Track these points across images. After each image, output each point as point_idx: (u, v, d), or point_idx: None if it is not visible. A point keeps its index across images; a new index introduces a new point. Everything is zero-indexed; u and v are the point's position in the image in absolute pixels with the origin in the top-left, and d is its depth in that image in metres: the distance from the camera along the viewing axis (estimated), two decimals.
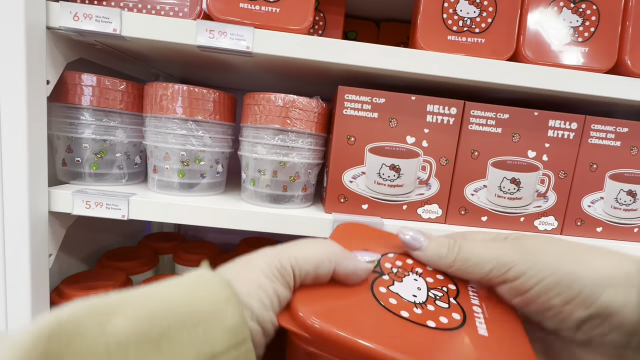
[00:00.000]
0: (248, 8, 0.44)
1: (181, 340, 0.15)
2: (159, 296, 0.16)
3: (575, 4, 0.46)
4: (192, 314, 0.15)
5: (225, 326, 0.16)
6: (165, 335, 0.14)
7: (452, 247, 0.22)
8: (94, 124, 0.49)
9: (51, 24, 0.42)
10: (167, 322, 0.15)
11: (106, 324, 0.14)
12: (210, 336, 0.15)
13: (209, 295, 0.16)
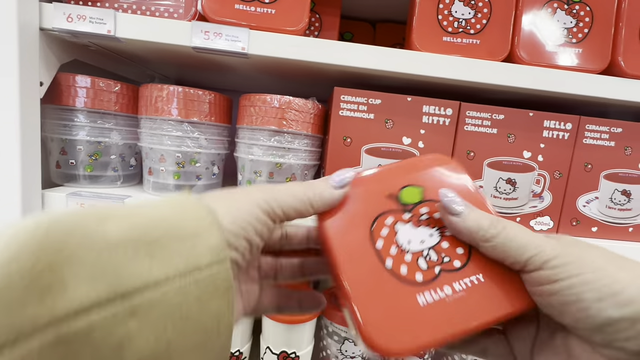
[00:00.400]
0: (243, 9, 0.44)
1: (171, 249, 0.16)
2: (148, 211, 0.17)
3: (569, 5, 0.46)
4: (180, 229, 0.16)
5: (209, 244, 0.17)
6: (157, 243, 0.15)
7: (495, 222, 0.21)
8: (88, 125, 0.48)
9: (44, 25, 0.42)
10: (158, 232, 0.16)
11: (102, 226, 0.15)
12: (196, 251, 0.16)
13: (195, 217, 0.17)
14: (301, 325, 0.55)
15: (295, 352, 0.55)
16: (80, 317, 0.12)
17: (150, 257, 0.15)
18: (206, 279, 0.16)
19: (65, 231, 0.14)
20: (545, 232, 0.51)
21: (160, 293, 0.14)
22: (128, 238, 0.15)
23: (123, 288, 0.14)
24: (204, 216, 0.18)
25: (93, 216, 0.15)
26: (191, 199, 0.19)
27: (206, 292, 0.16)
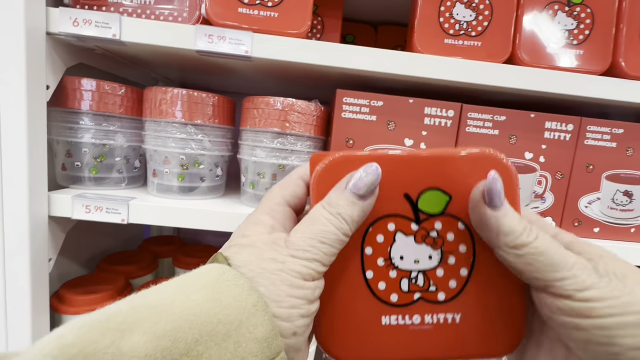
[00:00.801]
0: (247, 13, 0.44)
1: (210, 356, 0.13)
2: (177, 305, 0.14)
3: (570, 7, 0.47)
4: (218, 324, 0.14)
5: (256, 337, 0.14)
6: (192, 353, 0.13)
7: (529, 230, 0.18)
8: (93, 128, 0.49)
9: (51, 30, 0.42)
10: (192, 336, 0.13)
11: (121, 344, 0.12)
12: (242, 350, 0.14)
13: (235, 301, 0.14)
14: None
15: None
16: None
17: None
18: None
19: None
20: None
21: None
22: (155, 354, 0.12)
23: None
24: (245, 297, 0.15)
25: (112, 328, 0.12)
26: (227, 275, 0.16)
27: None
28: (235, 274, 0.16)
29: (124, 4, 0.45)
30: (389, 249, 0.20)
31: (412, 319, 0.20)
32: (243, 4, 0.44)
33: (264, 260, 0.17)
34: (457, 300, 0.20)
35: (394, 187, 0.20)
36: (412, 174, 0.20)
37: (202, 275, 0.16)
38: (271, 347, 0.14)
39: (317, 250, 0.17)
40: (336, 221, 0.18)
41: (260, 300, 0.15)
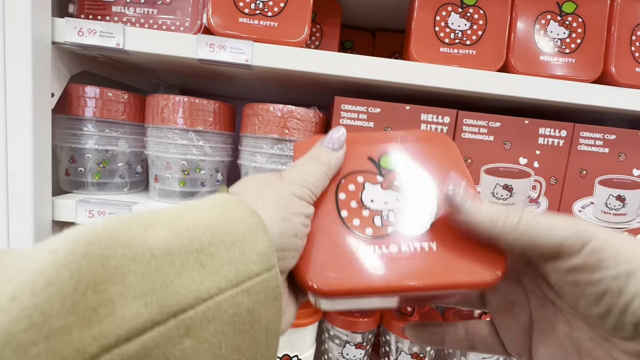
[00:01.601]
0: (247, 22, 0.46)
1: (221, 257, 0.14)
2: (191, 215, 0.16)
3: (562, 16, 0.48)
4: (227, 234, 0.15)
5: (257, 250, 0.16)
6: (205, 251, 0.14)
7: (512, 212, 0.18)
8: (96, 134, 0.50)
9: (56, 39, 0.43)
10: (205, 238, 0.14)
11: (145, 235, 0.13)
12: (246, 257, 0.15)
13: (240, 219, 0.16)
14: (303, 329, 0.56)
15: (298, 356, 0.56)
16: (133, 341, 0.11)
17: (201, 267, 0.14)
18: (257, 287, 0.15)
19: (108, 243, 0.12)
20: None
21: (214, 306, 0.13)
22: (175, 247, 0.13)
23: (175, 304, 0.12)
24: (248, 217, 0.17)
25: (136, 224, 0.14)
26: (232, 199, 0.18)
27: (257, 302, 0.15)
28: (238, 200, 0.18)
29: (127, 14, 0.47)
30: (360, 194, 0.24)
31: (389, 248, 0.21)
32: (243, 14, 0.45)
33: (263, 184, 0.20)
34: (429, 232, 0.22)
35: (360, 154, 0.25)
36: (376, 145, 0.26)
37: (208, 199, 0.18)
38: (269, 260, 0.16)
39: (306, 181, 0.21)
40: (318, 163, 0.23)
41: (261, 222, 0.17)
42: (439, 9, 0.48)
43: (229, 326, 0.14)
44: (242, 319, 0.14)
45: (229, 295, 0.14)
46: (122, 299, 0.11)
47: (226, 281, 0.14)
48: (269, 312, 0.15)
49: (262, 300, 0.15)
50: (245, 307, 0.14)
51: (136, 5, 0.47)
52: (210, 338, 0.13)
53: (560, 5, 0.48)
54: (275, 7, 0.46)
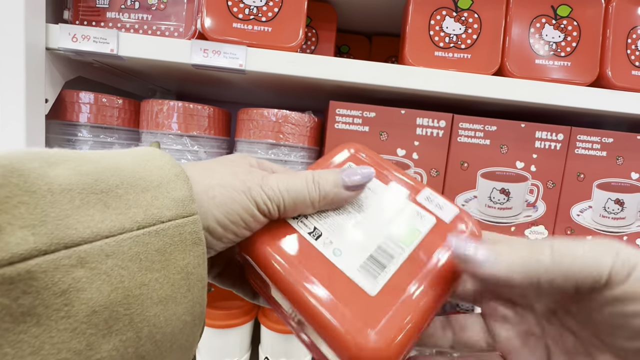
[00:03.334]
0: (241, 28, 0.45)
1: (128, 199, 0.15)
2: (105, 159, 0.16)
3: (557, 20, 0.48)
4: (140, 179, 0.15)
5: (173, 197, 0.16)
6: (111, 193, 0.14)
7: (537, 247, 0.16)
8: (91, 140, 0.50)
9: (50, 45, 0.43)
10: (114, 181, 0.15)
11: (47, 170, 0.13)
12: (159, 202, 0.15)
13: (158, 169, 0.16)
14: None
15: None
16: (16, 265, 0.12)
17: (104, 207, 0.14)
18: (169, 231, 0.15)
19: (4, 171, 0.12)
20: None
21: (114, 243, 0.14)
22: (78, 185, 0.14)
23: (67, 237, 0.13)
24: (169, 167, 0.17)
25: (41, 157, 0.14)
26: (156, 151, 0.17)
27: (170, 245, 0.15)
28: (162, 153, 0.18)
29: (122, 19, 0.47)
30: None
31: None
32: (237, 19, 0.45)
33: (236, 174, 0.19)
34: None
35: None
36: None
37: (133, 150, 0.17)
38: (186, 207, 0.16)
39: (281, 197, 0.19)
40: (313, 188, 0.20)
41: (183, 173, 0.17)
42: (434, 13, 0.48)
43: (133, 263, 0.14)
44: (150, 258, 0.15)
45: (133, 235, 0.14)
46: (8, 227, 0.12)
47: (132, 222, 0.14)
48: (186, 255, 0.16)
49: (176, 243, 0.15)
50: (154, 247, 0.15)
51: (131, 11, 0.47)
52: (109, 271, 0.13)
53: (555, 9, 0.48)
54: (269, 12, 0.46)
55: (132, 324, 0.14)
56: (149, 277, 0.14)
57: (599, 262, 0.15)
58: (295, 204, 0.20)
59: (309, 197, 0.20)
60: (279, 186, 0.19)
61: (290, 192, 0.19)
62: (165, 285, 0.15)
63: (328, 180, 0.20)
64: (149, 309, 0.14)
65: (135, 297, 0.14)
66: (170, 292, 0.15)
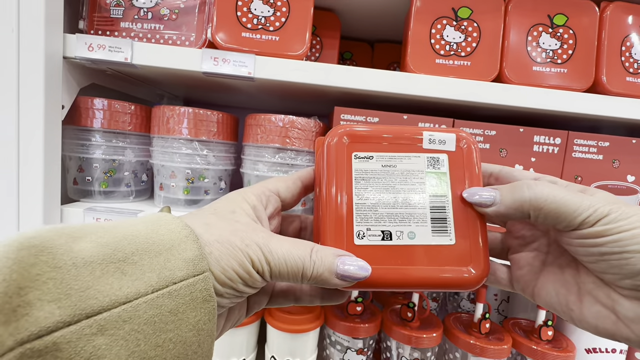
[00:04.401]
0: (250, 37, 0.47)
1: (143, 265, 0.16)
2: (121, 228, 0.17)
3: (553, 28, 0.50)
4: (153, 244, 0.17)
5: (184, 257, 0.17)
6: (128, 260, 0.16)
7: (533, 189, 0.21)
8: (104, 144, 0.51)
9: (67, 54, 0.45)
10: (130, 249, 0.16)
11: (72, 245, 0.15)
12: (171, 265, 0.16)
13: (169, 232, 0.18)
14: (305, 335, 0.57)
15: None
16: (44, 337, 0.13)
17: (121, 274, 0.15)
18: (181, 291, 0.16)
19: (36, 250, 0.14)
20: None
21: (130, 308, 0.15)
22: (98, 256, 0.15)
23: (89, 307, 0.14)
24: (179, 230, 0.18)
25: (65, 233, 0.15)
26: (167, 216, 0.19)
27: (182, 304, 0.16)
28: (173, 217, 0.19)
29: (135, 29, 0.49)
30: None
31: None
32: (246, 29, 0.47)
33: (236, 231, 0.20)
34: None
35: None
36: None
37: (144, 216, 0.19)
38: (196, 266, 0.17)
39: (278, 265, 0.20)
40: (309, 266, 0.20)
41: (192, 234, 0.18)
42: (434, 22, 0.50)
43: (148, 326, 0.15)
44: (164, 319, 0.16)
45: (149, 299, 0.15)
46: (38, 302, 0.13)
47: (147, 286, 0.15)
48: (197, 313, 0.17)
49: (188, 302, 0.16)
50: (167, 309, 0.16)
51: (144, 21, 0.49)
52: (126, 336, 0.14)
53: (552, 18, 0.50)
54: (276, 22, 0.48)
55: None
56: (162, 337, 0.15)
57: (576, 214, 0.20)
58: (288, 276, 0.20)
59: (302, 273, 0.20)
60: (280, 253, 0.20)
61: (288, 263, 0.20)
62: (178, 344, 0.16)
63: (324, 262, 0.21)
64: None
65: (150, 359, 0.15)
66: (182, 350, 0.16)
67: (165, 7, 0.49)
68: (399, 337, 0.57)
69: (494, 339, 0.57)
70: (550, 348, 0.56)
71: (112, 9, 0.49)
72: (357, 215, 0.23)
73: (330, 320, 0.59)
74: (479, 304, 0.58)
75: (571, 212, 0.20)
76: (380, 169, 0.24)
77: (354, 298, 0.60)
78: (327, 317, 0.59)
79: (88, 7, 0.49)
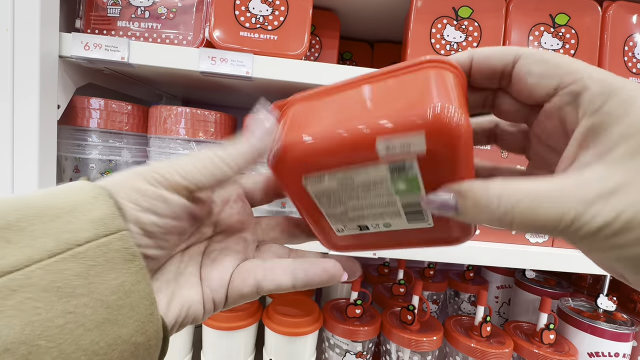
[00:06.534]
0: (248, 36, 0.47)
1: (34, 231, 0.14)
2: (11, 198, 0.15)
3: (555, 28, 0.49)
4: (47, 209, 0.14)
5: (90, 218, 0.15)
6: (12, 227, 0.13)
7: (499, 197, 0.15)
8: (100, 145, 0.51)
9: (63, 53, 0.45)
10: (14, 216, 0.14)
11: None
12: (72, 227, 0.14)
13: (71, 194, 0.15)
14: (303, 338, 0.56)
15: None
16: None
17: (4, 243, 0.13)
18: (89, 253, 0.14)
19: None
20: (542, 244, 0.53)
21: (20, 276, 0.13)
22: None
23: None
24: (87, 191, 0.15)
25: None
26: (74, 182, 0.17)
27: (94, 266, 0.14)
28: (82, 182, 0.16)
29: (132, 28, 0.48)
30: None
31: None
32: (244, 28, 0.47)
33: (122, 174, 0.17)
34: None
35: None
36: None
37: (53, 187, 0.16)
38: (107, 225, 0.15)
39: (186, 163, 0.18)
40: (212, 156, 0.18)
41: (103, 192, 0.16)
42: (435, 21, 0.49)
43: (49, 293, 0.13)
44: (70, 284, 0.14)
45: (44, 264, 0.13)
46: None
47: (41, 252, 0.14)
48: (119, 274, 0.15)
49: (101, 264, 0.14)
50: (72, 273, 0.14)
51: (141, 20, 0.48)
52: (18, 306, 0.13)
53: (554, 18, 0.49)
54: (275, 21, 0.47)
55: (64, 356, 0.13)
56: (72, 303, 0.14)
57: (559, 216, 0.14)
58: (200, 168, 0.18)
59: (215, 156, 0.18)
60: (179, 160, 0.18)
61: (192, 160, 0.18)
62: (98, 309, 0.14)
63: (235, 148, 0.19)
64: (83, 336, 0.14)
65: (59, 327, 0.13)
66: (107, 315, 0.14)
67: (163, 6, 0.48)
68: (398, 341, 0.57)
69: (495, 342, 0.56)
70: (552, 352, 0.55)
71: (109, 8, 0.48)
72: (331, 222, 0.21)
73: (329, 323, 0.58)
74: (480, 306, 0.58)
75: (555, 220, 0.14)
76: (337, 186, 0.19)
77: (353, 301, 0.59)
78: (326, 320, 0.59)
79: (85, 5, 0.48)
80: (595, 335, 0.57)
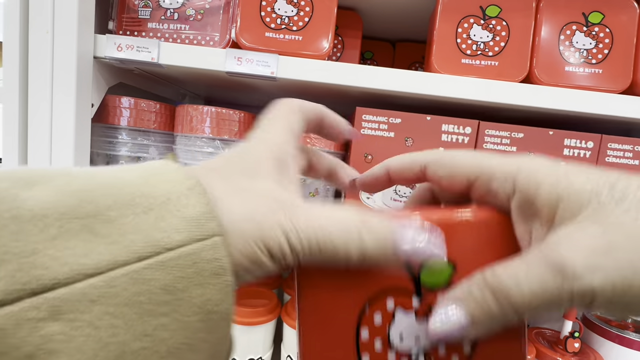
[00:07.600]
0: (273, 37, 0.48)
1: (124, 224, 0.11)
2: (100, 175, 0.12)
3: (588, 27, 0.47)
4: (141, 197, 0.12)
5: (184, 215, 0.12)
6: (101, 216, 0.11)
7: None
8: (130, 142, 0.53)
9: (98, 54, 0.47)
10: (105, 201, 0.11)
11: (20, 191, 0.11)
12: (165, 224, 0.12)
13: (165, 182, 0.13)
14: None
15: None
16: None
17: (90, 235, 0.11)
18: (180, 261, 0.12)
19: None
20: None
21: (102, 283, 0.10)
22: (57, 208, 0.11)
23: (35, 280, 0.09)
24: (182, 180, 0.13)
25: (17, 178, 0.11)
26: (166, 163, 0.14)
27: (183, 279, 0.12)
28: (178, 165, 0.14)
29: (161, 29, 0.50)
30: (388, 328, 0.17)
31: None
32: (270, 29, 0.48)
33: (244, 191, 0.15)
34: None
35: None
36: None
37: (142, 164, 0.14)
38: (202, 227, 0.12)
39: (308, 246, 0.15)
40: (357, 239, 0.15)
41: (198, 185, 0.13)
42: (461, 20, 0.48)
43: (130, 308, 0.11)
44: (155, 299, 0.11)
45: (131, 270, 0.11)
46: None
47: (128, 252, 0.11)
48: (206, 290, 0.12)
49: (190, 276, 0.12)
50: (159, 285, 0.11)
51: (170, 21, 0.50)
52: (95, 322, 0.10)
53: (587, 16, 0.47)
54: (300, 22, 0.48)
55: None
56: (153, 324, 0.11)
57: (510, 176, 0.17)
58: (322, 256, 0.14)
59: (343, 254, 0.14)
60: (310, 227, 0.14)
61: (320, 242, 0.14)
62: (177, 332, 0.11)
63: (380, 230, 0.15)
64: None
65: (133, 353, 0.11)
66: (184, 340, 0.12)
67: (191, 7, 0.49)
68: None
69: None
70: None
71: (139, 10, 0.50)
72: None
73: None
74: None
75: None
76: None
77: None
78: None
79: (117, 8, 0.50)
80: (623, 345, 0.55)
